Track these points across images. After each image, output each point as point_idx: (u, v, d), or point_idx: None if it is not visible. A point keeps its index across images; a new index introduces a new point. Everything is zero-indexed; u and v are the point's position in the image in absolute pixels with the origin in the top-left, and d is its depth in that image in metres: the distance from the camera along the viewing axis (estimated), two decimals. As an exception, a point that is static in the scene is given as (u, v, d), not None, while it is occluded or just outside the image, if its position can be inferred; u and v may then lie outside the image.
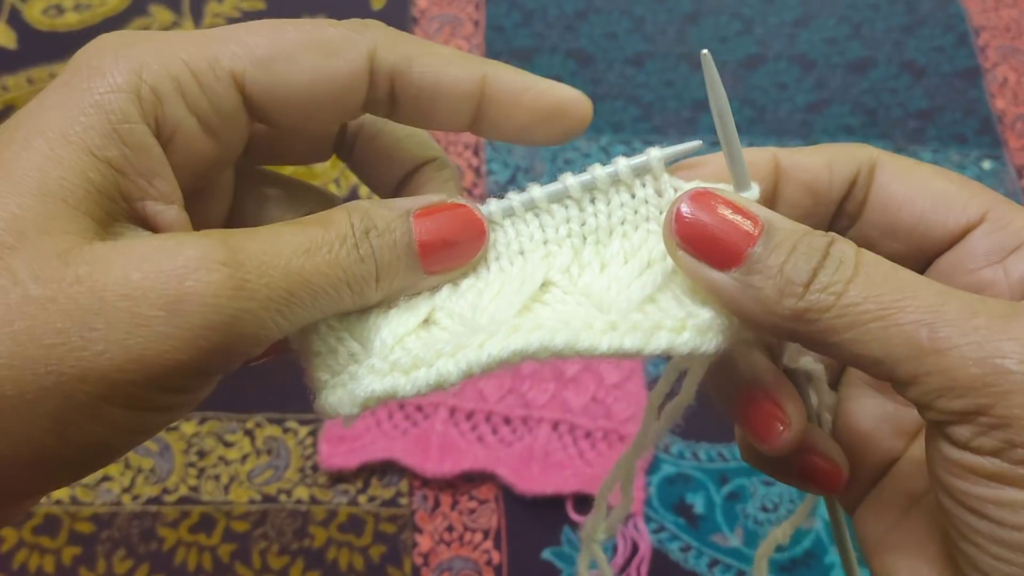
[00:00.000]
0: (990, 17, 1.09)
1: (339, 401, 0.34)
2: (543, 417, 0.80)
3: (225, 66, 0.32)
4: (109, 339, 0.27)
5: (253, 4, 1.05)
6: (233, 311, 0.29)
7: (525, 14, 1.06)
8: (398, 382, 0.34)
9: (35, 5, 1.03)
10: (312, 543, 0.75)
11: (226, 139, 0.34)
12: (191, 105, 0.32)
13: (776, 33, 1.07)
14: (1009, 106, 1.03)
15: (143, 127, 0.31)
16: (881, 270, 0.30)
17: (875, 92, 1.03)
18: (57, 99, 0.31)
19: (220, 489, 0.77)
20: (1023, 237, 0.35)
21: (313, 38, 0.33)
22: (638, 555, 0.75)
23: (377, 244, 0.33)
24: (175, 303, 0.28)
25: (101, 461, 0.30)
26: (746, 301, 0.32)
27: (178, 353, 0.28)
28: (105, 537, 0.75)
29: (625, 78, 1.02)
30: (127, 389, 0.28)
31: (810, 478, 0.39)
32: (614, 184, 0.37)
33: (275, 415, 0.81)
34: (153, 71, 0.31)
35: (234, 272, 0.29)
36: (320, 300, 0.32)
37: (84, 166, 0.30)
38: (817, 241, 0.31)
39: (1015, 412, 0.27)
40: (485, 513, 0.77)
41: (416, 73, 0.34)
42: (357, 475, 0.78)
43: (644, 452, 0.44)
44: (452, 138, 0.96)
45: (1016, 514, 0.28)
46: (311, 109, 0.34)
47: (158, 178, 0.32)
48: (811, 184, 0.37)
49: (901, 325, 0.29)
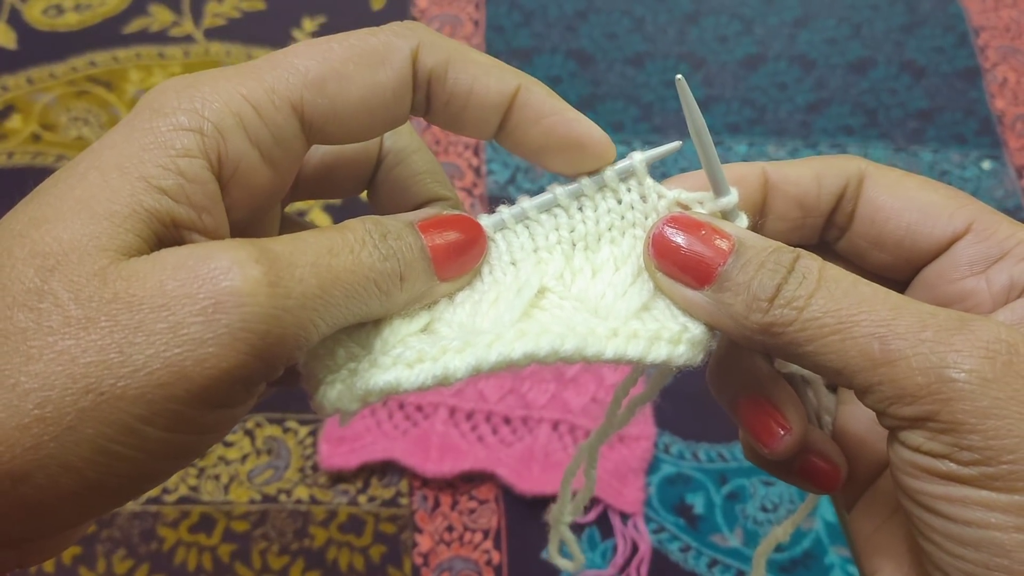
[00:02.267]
0: (990, 17, 1.09)
1: (339, 396, 0.33)
2: (543, 417, 0.80)
3: (283, 95, 0.33)
4: (148, 352, 0.27)
5: (253, 4, 1.05)
6: (272, 309, 0.28)
7: (525, 14, 1.06)
8: (401, 375, 0.34)
9: (35, 5, 1.03)
10: (312, 543, 0.75)
11: (284, 169, 0.35)
12: (253, 138, 0.32)
13: (776, 33, 1.07)
14: (1009, 106, 1.03)
15: (201, 161, 0.31)
16: (842, 285, 0.32)
17: (875, 92, 1.03)
18: (118, 138, 0.31)
19: (220, 489, 0.77)
20: (1006, 247, 0.36)
21: (359, 51, 0.34)
22: (638, 555, 0.75)
23: (396, 246, 0.34)
24: (213, 306, 0.28)
25: (141, 490, 0.30)
26: (720, 317, 0.34)
27: (218, 360, 0.28)
28: (105, 537, 0.75)
29: (625, 78, 1.02)
30: (168, 406, 0.28)
31: (809, 477, 0.40)
32: (600, 190, 0.38)
33: (275, 415, 0.81)
34: (215, 109, 0.32)
35: (268, 269, 0.29)
36: (352, 299, 0.32)
37: (135, 190, 0.30)
38: (784, 257, 0.33)
39: (959, 417, 0.29)
40: (485, 513, 0.77)
41: (451, 79, 0.35)
42: (357, 475, 0.78)
43: (605, 439, 0.47)
44: (452, 138, 0.96)
45: (967, 510, 0.30)
46: (366, 121, 0.35)
47: (207, 213, 0.32)
48: (800, 197, 0.38)
49: (856, 338, 0.31)
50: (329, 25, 1.03)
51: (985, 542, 0.29)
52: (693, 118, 0.35)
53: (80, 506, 0.29)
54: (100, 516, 0.31)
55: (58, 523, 0.29)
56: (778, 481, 0.79)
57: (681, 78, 0.34)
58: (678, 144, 0.37)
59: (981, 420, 0.29)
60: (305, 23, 1.03)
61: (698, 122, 0.35)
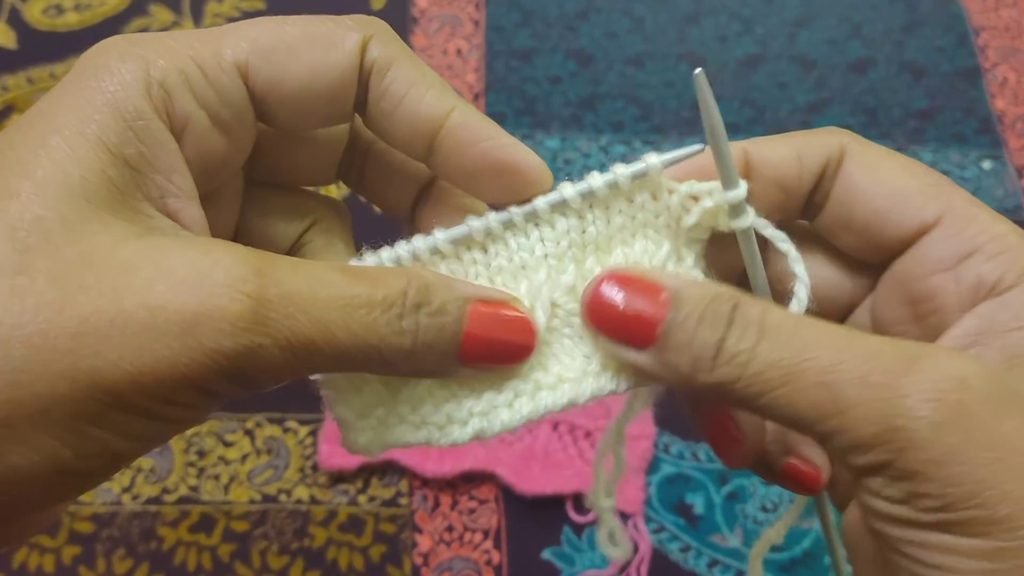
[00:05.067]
0: (990, 17, 1.09)
1: (369, 443, 0.35)
2: (543, 417, 0.80)
3: (229, 57, 0.33)
4: (123, 349, 0.27)
5: (253, 4, 1.05)
6: (248, 343, 0.28)
7: (525, 14, 1.06)
8: (432, 435, 0.36)
9: (35, 5, 1.03)
10: (312, 543, 0.75)
11: (236, 136, 0.34)
12: (199, 98, 0.32)
13: (776, 33, 1.07)
14: (1009, 106, 1.03)
15: (159, 123, 0.31)
16: (783, 332, 0.31)
17: (875, 92, 1.03)
18: (69, 98, 0.31)
19: (220, 489, 0.77)
20: (977, 244, 0.34)
21: (311, 31, 0.34)
22: (638, 555, 0.75)
23: (424, 323, 0.32)
24: (192, 323, 0.28)
25: (113, 469, 0.30)
26: (667, 377, 0.33)
27: (189, 371, 0.28)
28: (105, 536, 0.75)
29: (625, 78, 1.02)
30: (138, 400, 0.28)
31: (790, 480, 0.39)
32: (613, 193, 0.36)
33: (275, 415, 0.81)
34: (160, 66, 0.31)
35: (258, 307, 0.29)
36: (343, 360, 0.31)
37: (103, 164, 0.30)
38: (722, 308, 0.32)
39: (914, 467, 0.28)
40: (485, 513, 0.77)
41: (389, 77, 0.34)
42: (357, 475, 0.78)
43: (634, 416, 0.45)
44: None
45: (930, 554, 0.29)
46: (310, 101, 0.34)
47: (176, 174, 0.32)
48: (781, 180, 0.37)
49: (803, 389, 0.30)
50: (329, 25, 1.03)
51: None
52: (709, 111, 0.33)
53: (51, 487, 0.29)
54: (71, 498, 0.31)
55: (29, 504, 0.29)
56: (778, 481, 0.79)
57: (700, 72, 0.33)
58: (699, 147, 0.36)
59: (936, 468, 0.28)
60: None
61: (713, 115, 0.33)
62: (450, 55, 1.02)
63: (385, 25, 0.35)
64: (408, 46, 0.35)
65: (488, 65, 1.02)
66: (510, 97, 1.00)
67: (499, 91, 1.00)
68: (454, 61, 1.01)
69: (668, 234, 0.37)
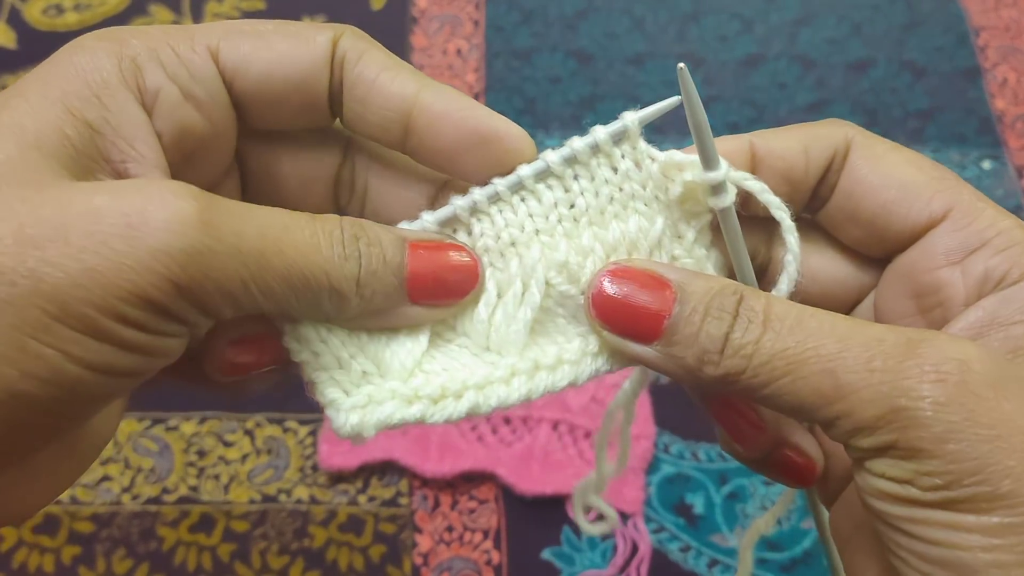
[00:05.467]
0: (990, 17, 1.09)
1: (360, 423, 0.34)
2: (543, 417, 0.80)
3: (200, 40, 0.34)
4: (65, 252, 0.27)
5: (253, 4, 1.05)
6: (196, 243, 0.28)
7: (525, 14, 1.06)
8: (427, 411, 0.34)
9: (35, 5, 1.03)
10: (312, 543, 0.75)
11: (210, 114, 0.34)
12: (170, 73, 0.33)
13: (776, 33, 1.07)
14: (1009, 106, 1.03)
15: (125, 93, 0.32)
16: (787, 323, 0.32)
17: (875, 92, 1.03)
18: (41, 71, 0.32)
19: (220, 489, 0.77)
20: (985, 238, 0.35)
21: (284, 26, 0.35)
22: (638, 555, 0.75)
23: (365, 251, 0.32)
24: (136, 224, 0.27)
25: (72, 409, 0.29)
26: (673, 370, 0.33)
27: (135, 275, 0.27)
28: (105, 537, 0.75)
29: (625, 78, 1.02)
30: (81, 309, 0.27)
31: (784, 471, 0.39)
32: (595, 155, 0.36)
33: (275, 415, 0.81)
34: (132, 44, 0.33)
35: (204, 209, 0.28)
36: (295, 283, 0.31)
37: (61, 123, 0.30)
38: (727, 302, 0.32)
39: (917, 445, 0.29)
40: (485, 513, 0.77)
41: (361, 64, 0.35)
42: (357, 475, 0.78)
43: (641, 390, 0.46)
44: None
45: (933, 531, 0.30)
46: (281, 89, 0.34)
47: (139, 141, 0.32)
48: (787, 172, 0.37)
49: (806, 377, 0.31)
50: (329, 25, 1.03)
51: (952, 562, 0.29)
52: (688, 93, 0.33)
53: (10, 423, 0.27)
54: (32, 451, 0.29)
55: None
56: (778, 481, 0.79)
57: (683, 67, 0.33)
58: (676, 100, 0.35)
59: (939, 446, 0.29)
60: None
61: (693, 99, 0.34)
62: (450, 55, 1.02)
63: (357, 29, 0.36)
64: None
65: (488, 65, 1.02)
66: (510, 97, 1.00)
67: (499, 91, 1.00)
68: (454, 61, 1.01)
69: (660, 208, 0.36)
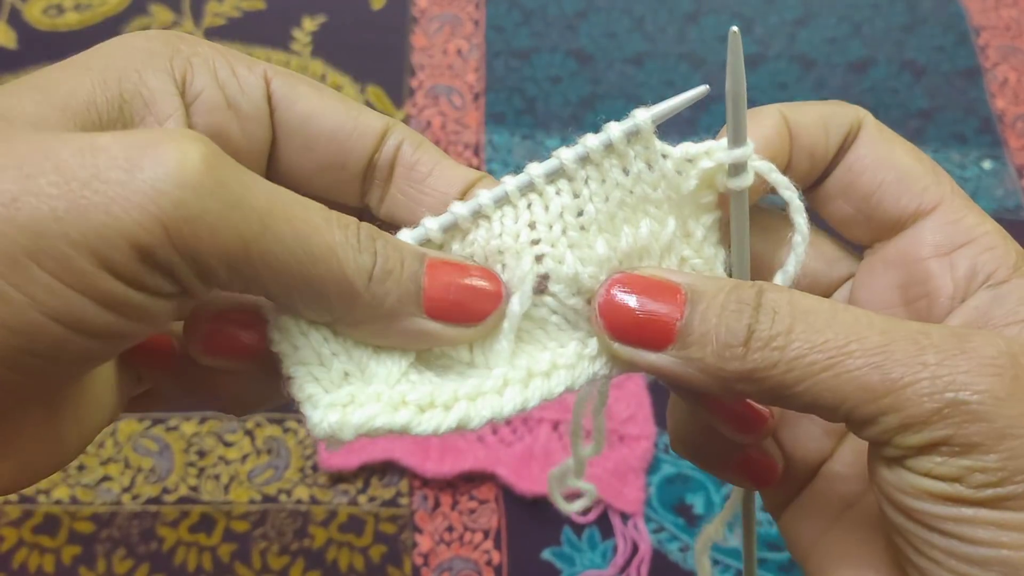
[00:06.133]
0: (990, 17, 1.09)
1: (339, 423, 0.31)
2: (543, 417, 0.80)
3: (259, 66, 0.35)
4: (52, 181, 0.24)
5: (253, 4, 1.05)
6: (197, 185, 0.25)
7: (525, 14, 1.06)
8: (413, 419, 0.32)
9: (35, 5, 1.03)
10: (312, 543, 0.75)
11: (249, 127, 0.35)
12: (220, 80, 0.34)
13: (776, 33, 1.07)
14: (1009, 106, 1.03)
15: (166, 77, 0.32)
16: (821, 316, 0.30)
17: (875, 92, 1.03)
18: (96, 47, 0.32)
19: (220, 489, 0.77)
20: (973, 235, 0.35)
21: (342, 95, 0.36)
22: (638, 555, 0.75)
23: (381, 250, 0.31)
24: (134, 161, 0.25)
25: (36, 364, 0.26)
26: (692, 375, 0.31)
27: (124, 214, 0.25)
28: (105, 537, 0.75)
29: (625, 78, 1.02)
30: (59, 246, 0.24)
31: (745, 472, 0.39)
32: (608, 156, 0.34)
33: (275, 415, 0.81)
34: (192, 46, 0.33)
35: (212, 155, 0.26)
36: (300, 258, 0.28)
37: (92, 91, 0.30)
38: (745, 294, 0.31)
39: (974, 440, 0.28)
40: (485, 513, 0.77)
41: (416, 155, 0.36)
42: (357, 475, 0.78)
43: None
44: (452, 138, 0.96)
45: (977, 529, 0.29)
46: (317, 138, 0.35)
47: (171, 120, 0.32)
48: (811, 148, 0.37)
49: (851, 372, 0.29)
50: (329, 25, 1.03)
51: (995, 561, 0.29)
52: (736, 56, 0.32)
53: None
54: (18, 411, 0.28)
55: None
56: (778, 481, 0.79)
57: (735, 30, 0.32)
58: (691, 96, 0.34)
59: (998, 441, 0.28)
60: (305, 23, 1.03)
61: (739, 70, 0.33)
62: (450, 55, 1.02)
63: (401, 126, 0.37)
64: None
65: (488, 65, 1.02)
66: (510, 97, 1.00)
67: (499, 91, 1.00)
68: (454, 61, 1.01)
69: (671, 208, 0.35)
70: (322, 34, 1.01)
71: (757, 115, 0.36)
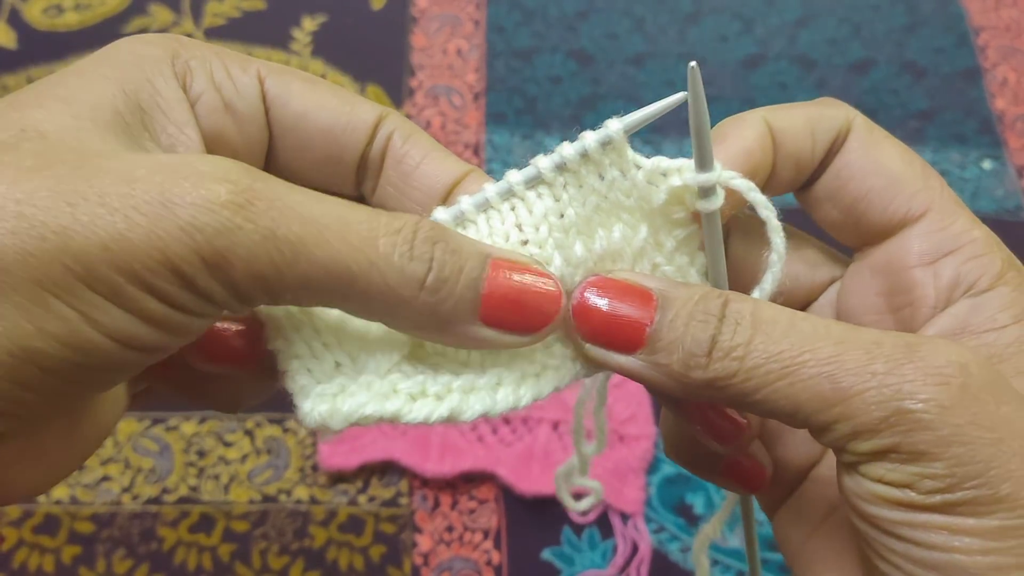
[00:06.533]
0: (990, 17, 1.09)
1: (330, 412, 0.32)
2: (543, 417, 0.80)
3: (253, 65, 0.35)
4: (97, 213, 0.26)
5: (253, 4, 1.05)
6: (227, 222, 0.27)
7: (525, 14, 1.06)
8: (403, 408, 0.32)
9: (35, 5, 1.03)
10: (312, 543, 0.75)
11: (246, 129, 0.35)
12: (216, 82, 0.34)
13: (776, 33, 1.07)
14: (1009, 106, 1.03)
15: (175, 83, 0.33)
16: (779, 326, 0.31)
17: (875, 92, 1.03)
18: (98, 54, 0.33)
19: (220, 489, 0.77)
20: (958, 243, 0.35)
21: (335, 86, 0.37)
22: (638, 555, 0.75)
23: (439, 256, 0.30)
24: (169, 197, 0.27)
25: (83, 376, 0.28)
26: (658, 379, 0.32)
27: (164, 245, 0.26)
28: (105, 537, 0.75)
29: (625, 78, 1.02)
30: (108, 273, 0.26)
31: (734, 476, 0.39)
32: (584, 163, 0.34)
33: (275, 415, 0.81)
34: (189, 49, 0.34)
35: (240, 192, 0.27)
36: (339, 276, 0.29)
37: (114, 100, 0.31)
38: (711, 305, 0.32)
39: (920, 448, 0.29)
40: (485, 513, 0.77)
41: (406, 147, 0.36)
42: (357, 475, 0.78)
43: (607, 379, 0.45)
44: (452, 138, 0.96)
45: (931, 534, 0.29)
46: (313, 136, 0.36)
47: (189, 127, 0.33)
48: (796, 156, 0.36)
49: (804, 380, 0.30)
50: (329, 25, 1.03)
51: (949, 565, 0.29)
52: (696, 88, 0.33)
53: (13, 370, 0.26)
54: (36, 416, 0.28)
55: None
56: (778, 481, 0.79)
57: (694, 65, 0.33)
58: (661, 106, 0.35)
59: (944, 449, 0.28)
60: (305, 23, 1.03)
61: (699, 96, 0.33)
62: (450, 55, 1.02)
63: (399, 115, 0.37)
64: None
65: (488, 65, 1.02)
66: (510, 97, 1.00)
67: (499, 91, 1.00)
68: (454, 61, 1.01)
69: (643, 216, 0.36)
70: (322, 34, 1.01)
71: (739, 124, 0.36)
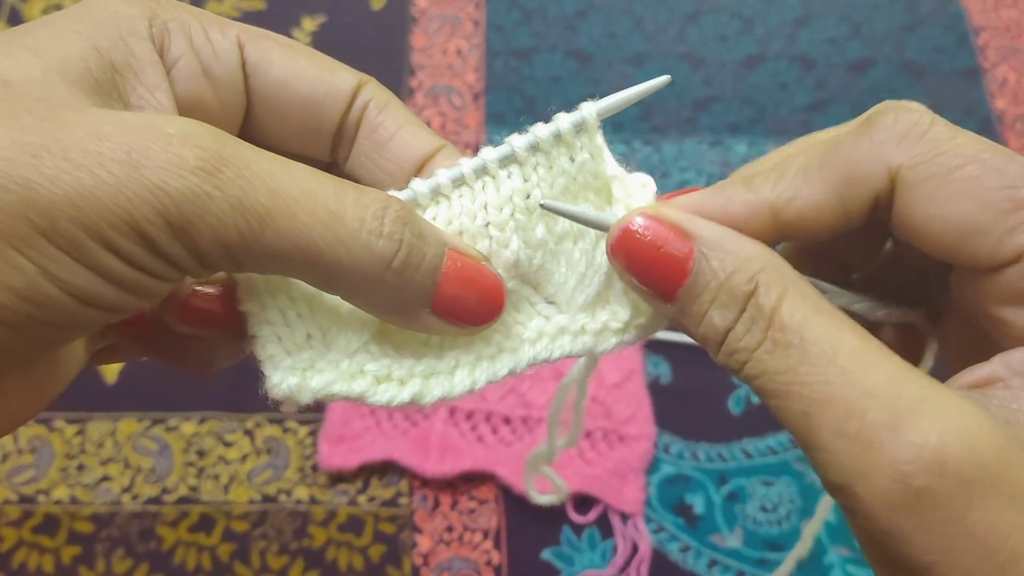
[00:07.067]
0: (990, 17, 1.09)
1: (298, 386, 0.32)
2: (543, 417, 0.80)
3: (232, 30, 0.35)
4: (62, 167, 0.26)
5: (253, 4, 1.05)
6: (195, 187, 0.26)
7: (525, 13, 1.06)
8: (368, 390, 0.34)
9: (35, 5, 1.03)
10: (312, 543, 0.75)
11: (224, 95, 0.35)
12: (196, 46, 0.34)
13: (776, 33, 1.07)
14: (1009, 106, 1.03)
15: (149, 44, 0.32)
16: (787, 336, 0.29)
17: (875, 92, 1.03)
18: (72, 9, 0.32)
19: (220, 489, 0.77)
20: None
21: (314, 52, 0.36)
22: (638, 555, 0.75)
23: (409, 239, 0.30)
24: (137, 158, 0.26)
25: (41, 330, 0.27)
26: (687, 329, 0.33)
27: (129, 204, 0.26)
28: (104, 537, 0.75)
29: (625, 78, 1.02)
30: (70, 228, 0.26)
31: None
32: (557, 145, 0.35)
33: (275, 415, 0.81)
34: (168, 10, 0.33)
35: (209, 158, 0.27)
36: (304, 251, 0.29)
37: (85, 56, 0.30)
38: (739, 290, 0.30)
39: (865, 526, 0.28)
40: (485, 513, 0.77)
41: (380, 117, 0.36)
42: (357, 475, 0.78)
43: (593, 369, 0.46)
44: (452, 138, 0.96)
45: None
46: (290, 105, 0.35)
47: (160, 91, 0.32)
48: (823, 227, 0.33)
49: (789, 410, 0.29)
50: (329, 25, 1.03)
51: None
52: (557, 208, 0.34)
53: None
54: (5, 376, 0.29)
55: None
56: (777, 481, 0.79)
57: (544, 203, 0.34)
58: (635, 91, 0.35)
59: (885, 540, 0.27)
60: (305, 23, 1.03)
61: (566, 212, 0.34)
62: (450, 55, 1.02)
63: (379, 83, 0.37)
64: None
65: (488, 65, 1.02)
66: (510, 96, 1.00)
67: (499, 91, 1.00)
68: (454, 61, 1.01)
69: (610, 198, 0.36)
70: (322, 34, 1.01)
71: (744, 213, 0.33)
